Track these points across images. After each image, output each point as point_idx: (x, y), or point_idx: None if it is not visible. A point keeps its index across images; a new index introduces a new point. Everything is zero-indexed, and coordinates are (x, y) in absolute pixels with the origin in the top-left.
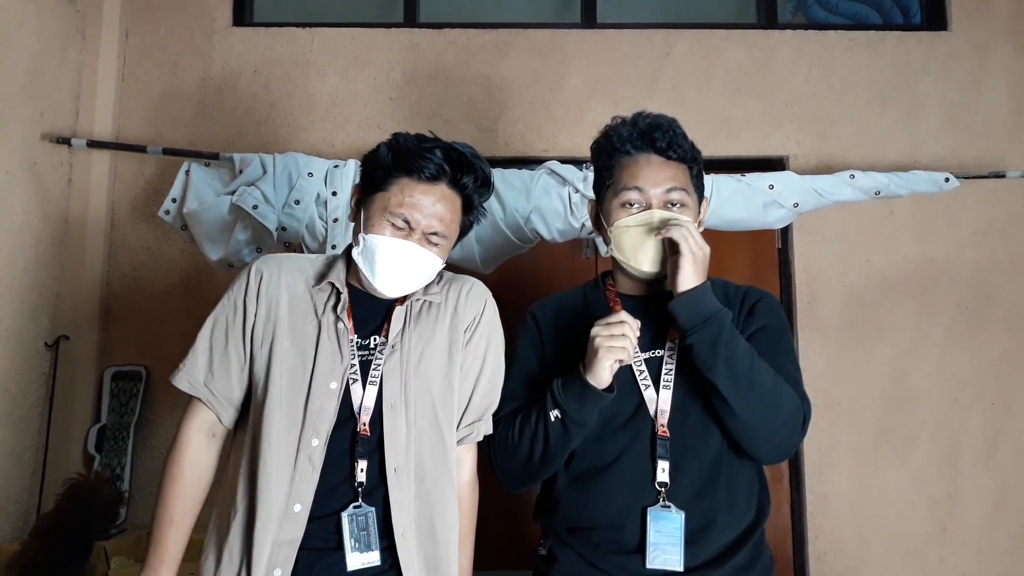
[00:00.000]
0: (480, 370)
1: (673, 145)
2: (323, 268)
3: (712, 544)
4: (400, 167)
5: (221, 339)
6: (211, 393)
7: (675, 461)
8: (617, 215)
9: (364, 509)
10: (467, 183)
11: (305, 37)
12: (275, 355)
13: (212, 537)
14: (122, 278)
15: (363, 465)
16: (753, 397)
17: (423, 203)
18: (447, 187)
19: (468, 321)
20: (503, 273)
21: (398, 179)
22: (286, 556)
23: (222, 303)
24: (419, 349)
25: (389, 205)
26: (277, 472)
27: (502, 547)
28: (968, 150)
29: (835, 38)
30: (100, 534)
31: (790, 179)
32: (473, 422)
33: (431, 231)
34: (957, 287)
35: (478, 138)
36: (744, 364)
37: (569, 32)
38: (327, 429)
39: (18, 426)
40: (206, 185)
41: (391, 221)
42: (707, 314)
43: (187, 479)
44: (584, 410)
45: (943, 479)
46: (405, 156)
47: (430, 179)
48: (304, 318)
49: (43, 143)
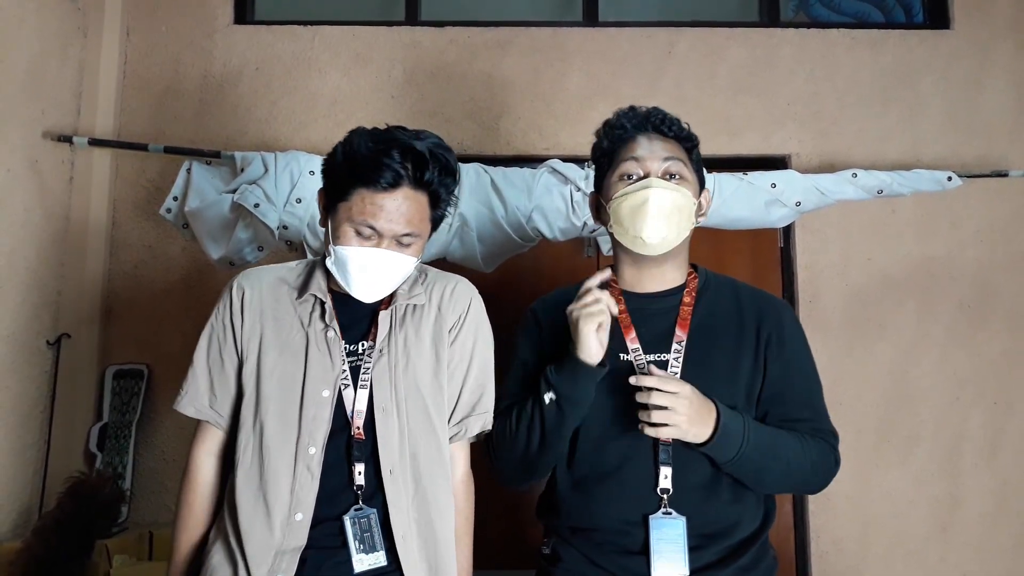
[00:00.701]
0: (468, 368)
1: (667, 122)
2: (303, 278)
3: (717, 548)
4: (356, 178)
5: (217, 359)
6: (218, 415)
7: (678, 467)
8: (615, 188)
9: (366, 511)
10: (431, 179)
11: (306, 35)
12: (264, 368)
13: (215, 544)
14: (124, 276)
15: (360, 468)
16: (788, 483)
17: (386, 209)
18: (409, 189)
19: (453, 320)
20: (505, 272)
21: (356, 189)
22: (288, 563)
23: (211, 323)
24: (406, 351)
25: (352, 215)
26: (276, 483)
27: (503, 546)
28: (970, 149)
29: (837, 37)
30: (102, 532)
31: (792, 178)
32: (463, 419)
33: (400, 234)
34: (959, 286)
35: (480, 136)
36: (777, 468)
37: (571, 30)
38: (323, 437)
39: (20, 424)
40: (207, 183)
41: (357, 230)
42: (731, 455)
43: (202, 505)
44: (578, 387)
45: (944, 478)
46: (361, 166)
47: (389, 187)
48: (291, 330)
49: (44, 141)
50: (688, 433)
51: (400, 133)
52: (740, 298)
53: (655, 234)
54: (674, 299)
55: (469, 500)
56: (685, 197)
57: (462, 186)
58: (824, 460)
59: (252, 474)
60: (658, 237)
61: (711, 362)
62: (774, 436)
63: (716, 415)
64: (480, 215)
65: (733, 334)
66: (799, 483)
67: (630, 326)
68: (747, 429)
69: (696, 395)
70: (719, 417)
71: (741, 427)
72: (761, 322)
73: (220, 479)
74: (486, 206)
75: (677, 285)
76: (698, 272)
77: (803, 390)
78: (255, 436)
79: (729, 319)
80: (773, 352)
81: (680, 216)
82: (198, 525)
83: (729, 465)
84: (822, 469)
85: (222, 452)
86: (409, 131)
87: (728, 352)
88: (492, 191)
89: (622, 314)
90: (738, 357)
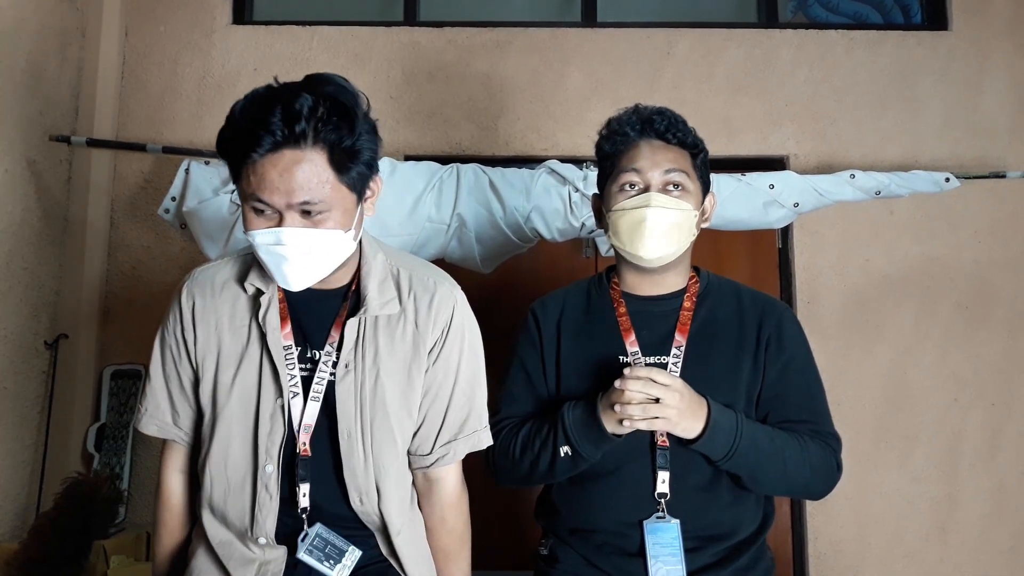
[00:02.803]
0: (453, 386)
1: (672, 128)
2: (246, 269)
3: (715, 549)
4: (238, 151)
5: (174, 375)
6: (181, 432)
7: (675, 471)
8: (615, 200)
9: (318, 528)
10: (317, 131)
11: (305, 35)
12: (220, 386)
13: (198, 549)
14: (122, 277)
15: (305, 489)
16: (787, 485)
17: (270, 179)
18: (293, 150)
19: (434, 339)
20: (503, 272)
21: (243, 164)
22: (275, 572)
23: (162, 333)
24: (375, 367)
25: (245, 194)
26: (238, 506)
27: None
28: (968, 150)
29: (836, 38)
30: (99, 533)
31: (790, 179)
32: (449, 441)
33: (299, 204)
34: (957, 287)
35: (478, 137)
36: (774, 467)
37: (569, 31)
38: (277, 452)
39: (17, 425)
40: (206, 183)
41: (254, 209)
42: (724, 451)
43: (176, 522)
44: (598, 451)
45: (943, 479)
46: (238, 137)
47: (268, 151)
48: (243, 332)
49: (43, 141)
50: (678, 427)
51: (277, 87)
52: (741, 301)
53: (652, 252)
54: (674, 303)
55: (462, 517)
56: (684, 214)
57: (460, 186)
58: (825, 464)
59: (219, 498)
60: (656, 254)
61: (711, 366)
62: (771, 435)
63: (708, 411)
64: (478, 216)
65: (733, 338)
66: (799, 486)
67: (630, 328)
68: (740, 425)
69: (687, 389)
70: (710, 413)
71: (734, 423)
72: (761, 324)
73: (193, 493)
74: (484, 207)
75: (678, 289)
76: (700, 275)
77: (803, 392)
78: (213, 458)
79: (729, 323)
80: (772, 354)
81: (679, 232)
82: (175, 540)
83: (724, 463)
84: (823, 473)
85: (191, 468)
86: (294, 83)
87: (728, 356)
88: (490, 192)
89: (622, 316)
90: (738, 361)
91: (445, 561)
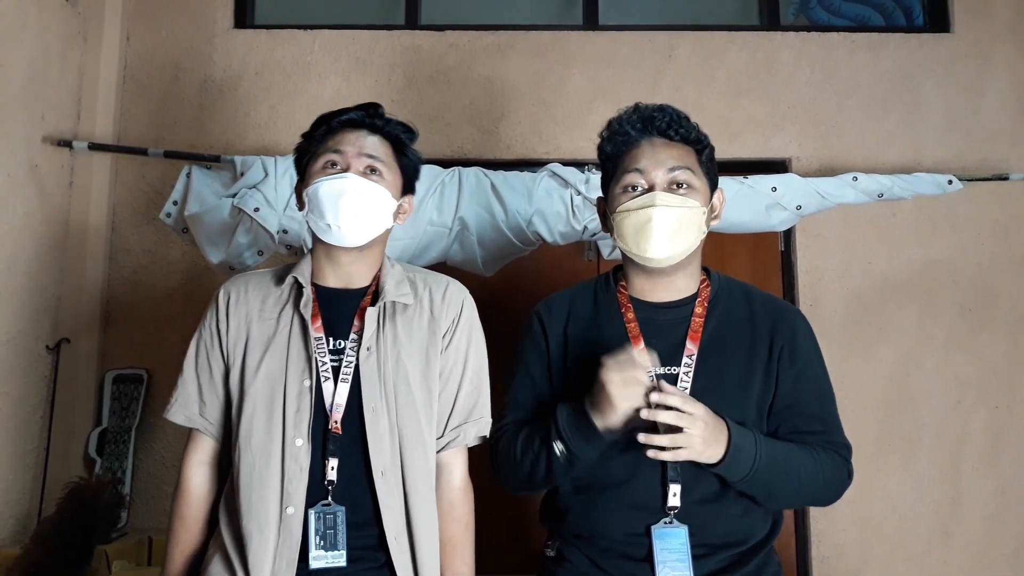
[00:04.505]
0: (463, 372)
1: (674, 124)
2: (287, 271)
3: (723, 556)
4: (319, 137)
5: (206, 367)
6: (208, 422)
7: (686, 481)
8: (619, 201)
9: (333, 508)
10: (388, 125)
11: (306, 39)
12: (248, 369)
13: (214, 558)
14: (123, 281)
15: (333, 463)
16: (800, 499)
17: (348, 138)
18: (368, 132)
19: (447, 325)
20: (505, 276)
21: (321, 144)
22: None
23: (199, 331)
24: (396, 350)
25: (317, 158)
26: (268, 479)
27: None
28: (971, 152)
29: (837, 40)
30: (101, 538)
31: (793, 181)
32: (459, 425)
33: (366, 162)
34: (960, 289)
35: (480, 140)
36: (789, 485)
37: (571, 34)
38: (307, 428)
39: (19, 429)
40: (207, 188)
41: (323, 164)
42: (743, 474)
43: (195, 516)
44: (593, 449)
45: (946, 482)
46: (322, 128)
47: (347, 126)
48: (275, 326)
49: (44, 146)
50: (702, 455)
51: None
52: (753, 307)
53: (660, 252)
54: (685, 310)
55: (468, 506)
56: (692, 211)
57: (462, 190)
58: (837, 474)
59: (246, 475)
60: (663, 255)
61: (722, 376)
62: (787, 452)
63: (728, 435)
64: (480, 219)
65: (745, 346)
66: (811, 498)
67: (639, 336)
68: (759, 447)
69: (710, 415)
70: (730, 437)
71: (753, 446)
72: (775, 333)
73: (213, 489)
74: (486, 210)
75: (688, 295)
76: (711, 278)
77: (815, 402)
78: (244, 437)
79: (741, 330)
80: (785, 363)
81: (687, 230)
82: (191, 537)
83: (740, 484)
84: (835, 484)
85: (214, 461)
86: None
87: (740, 365)
88: (492, 195)
89: (631, 323)
90: (750, 370)
91: (452, 554)
